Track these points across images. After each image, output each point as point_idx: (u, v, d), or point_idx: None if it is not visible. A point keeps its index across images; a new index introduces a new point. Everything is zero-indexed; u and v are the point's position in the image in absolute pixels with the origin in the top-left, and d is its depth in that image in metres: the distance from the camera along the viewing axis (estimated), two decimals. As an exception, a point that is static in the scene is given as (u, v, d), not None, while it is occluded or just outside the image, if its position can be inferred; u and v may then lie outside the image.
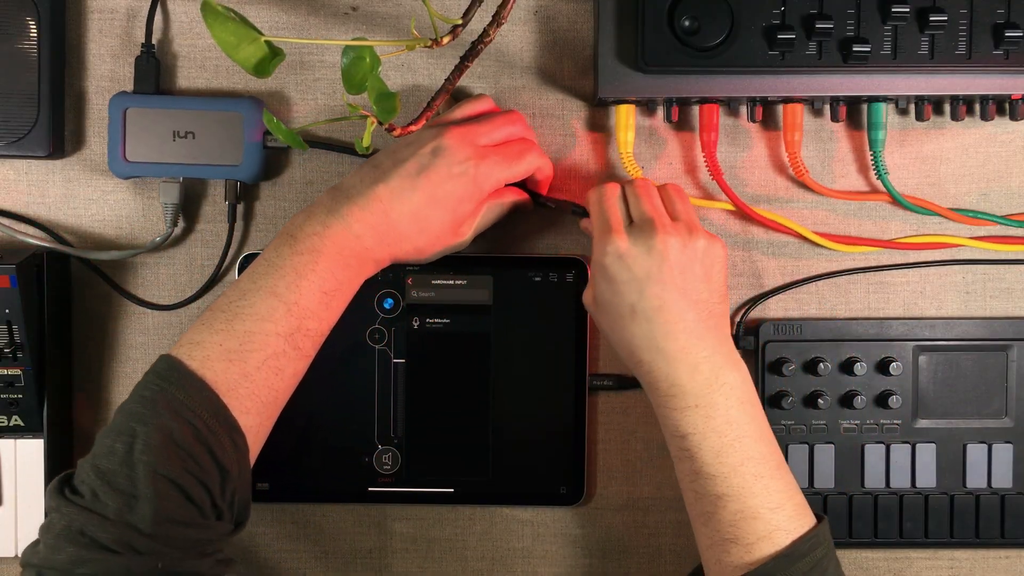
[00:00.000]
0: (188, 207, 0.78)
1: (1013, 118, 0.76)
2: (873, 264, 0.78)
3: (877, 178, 0.76)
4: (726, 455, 0.66)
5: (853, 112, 0.77)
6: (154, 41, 0.76)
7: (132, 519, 0.58)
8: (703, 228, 0.68)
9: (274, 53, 0.62)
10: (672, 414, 0.67)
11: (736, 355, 0.68)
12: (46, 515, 0.60)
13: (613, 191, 0.71)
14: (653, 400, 0.68)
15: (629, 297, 0.66)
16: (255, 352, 0.64)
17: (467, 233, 0.71)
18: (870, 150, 0.76)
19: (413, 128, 0.66)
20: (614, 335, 0.68)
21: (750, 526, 0.65)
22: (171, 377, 0.62)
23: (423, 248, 0.70)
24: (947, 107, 0.76)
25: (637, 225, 0.68)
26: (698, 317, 0.66)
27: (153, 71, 0.76)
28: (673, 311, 0.66)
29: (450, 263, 0.75)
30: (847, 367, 0.76)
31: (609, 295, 0.67)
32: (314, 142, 0.77)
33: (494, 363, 0.77)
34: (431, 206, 0.68)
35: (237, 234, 0.78)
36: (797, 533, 0.65)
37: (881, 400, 0.76)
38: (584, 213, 0.74)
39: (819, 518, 0.67)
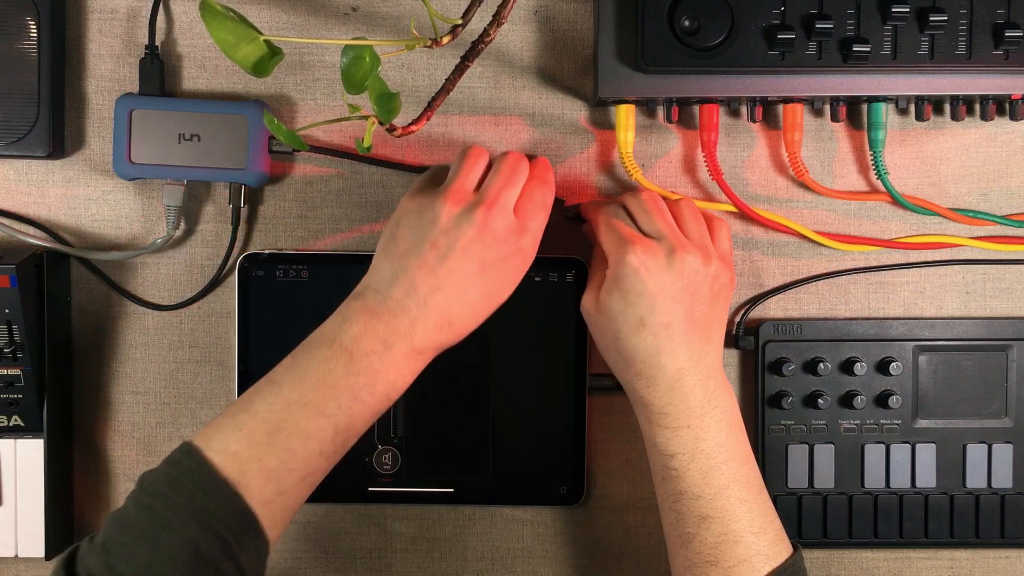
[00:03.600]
0: (189, 207, 0.78)
1: (1013, 118, 0.76)
2: (873, 264, 0.78)
3: (877, 178, 0.76)
4: (713, 477, 0.66)
5: (853, 112, 0.77)
6: (156, 42, 0.76)
7: None
8: (714, 251, 0.69)
9: (273, 52, 0.62)
10: (663, 432, 0.67)
11: (725, 378, 0.69)
12: None
13: (616, 207, 0.71)
14: (643, 416, 0.69)
15: (640, 309, 0.66)
16: (295, 471, 0.61)
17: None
18: (870, 150, 0.76)
19: (413, 128, 0.66)
20: (615, 343, 0.68)
21: (732, 549, 0.65)
22: (203, 483, 0.59)
23: (476, 326, 0.67)
24: (947, 107, 0.76)
25: (654, 240, 0.68)
26: (700, 340, 0.67)
27: (158, 72, 0.76)
28: (679, 331, 0.66)
29: (450, 263, 0.75)
30: (847, 367, 0.76)
31: (620, 305, 0.67)
32: (315, 146, 0.77)
33: (494, 363, 0.77)
34: (489, 297, 0.66)
35: (239, 235, 0.78)
36: (777, 559, 0.66)
37: (881, 400, 0.76)
38: (576, 216, 0.75)
39: (795, 547, 0.68)
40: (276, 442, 0.60)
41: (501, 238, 0.65)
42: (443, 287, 0.64)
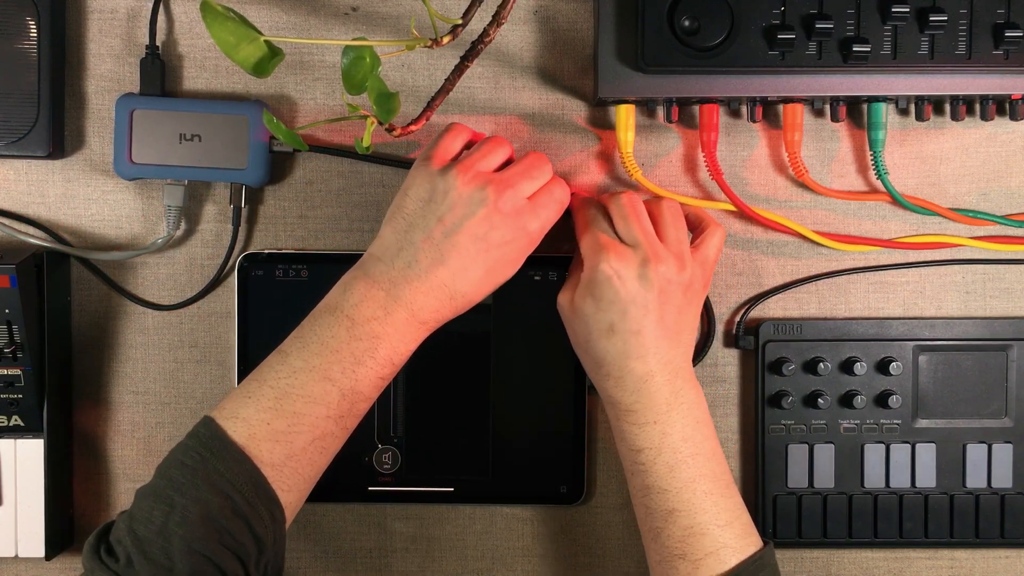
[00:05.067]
0: (190, 207, 0.78)
1: (1013, 118, 0.76)
2: (873, 264, 0.78)
3: (877, 178, 0.76)
4: (679, 471, 0.67)
5: (853, 112, 0.77)
6: (156, 42, 0.76)
7: None
8: (690, 257, 0.69)
9: (273, 53, 0.62)
10: (630, 428, 0.67)
11: (693, 375, 0.69)
12: (84, 573, 0.61)
13: (599, 207, 0.71)
14: (611, 413, 0.69)
15: (611, 316, 0.66)
16: (303, 434, 0.63)
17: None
18: (870, 150, 0.76)
19: (413, 128, 0.66)
20: (586, 344, 0.69)
21: (699, 542, 0.66)
22: (213, 447, 0.62)
23: (479, 300, 0.69)
24: (947, 107, 0.76)
25: (629, 246, 0.68)
26: (669, 344, 0.67)
27: (158, 73, 0.76)
28: (649, 337, 0.67)
29: (450, 263, 0.75)
30: (847, 367, 0.76)
31: (592, 309, 0.67)
32: (315, 145, 0.77)
33: (494, 363, 0.77)
34: (492, 275, 0.67)
35: (239, 235, 0.78)
36: (744, 552, 0.66)
37: (881, 400, 0.76)
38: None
39: (764, 542, 0.68)
40: (283, 407, 0.63)
41: (510, 219, 0.66)
42: (446, 262, 0.65)
